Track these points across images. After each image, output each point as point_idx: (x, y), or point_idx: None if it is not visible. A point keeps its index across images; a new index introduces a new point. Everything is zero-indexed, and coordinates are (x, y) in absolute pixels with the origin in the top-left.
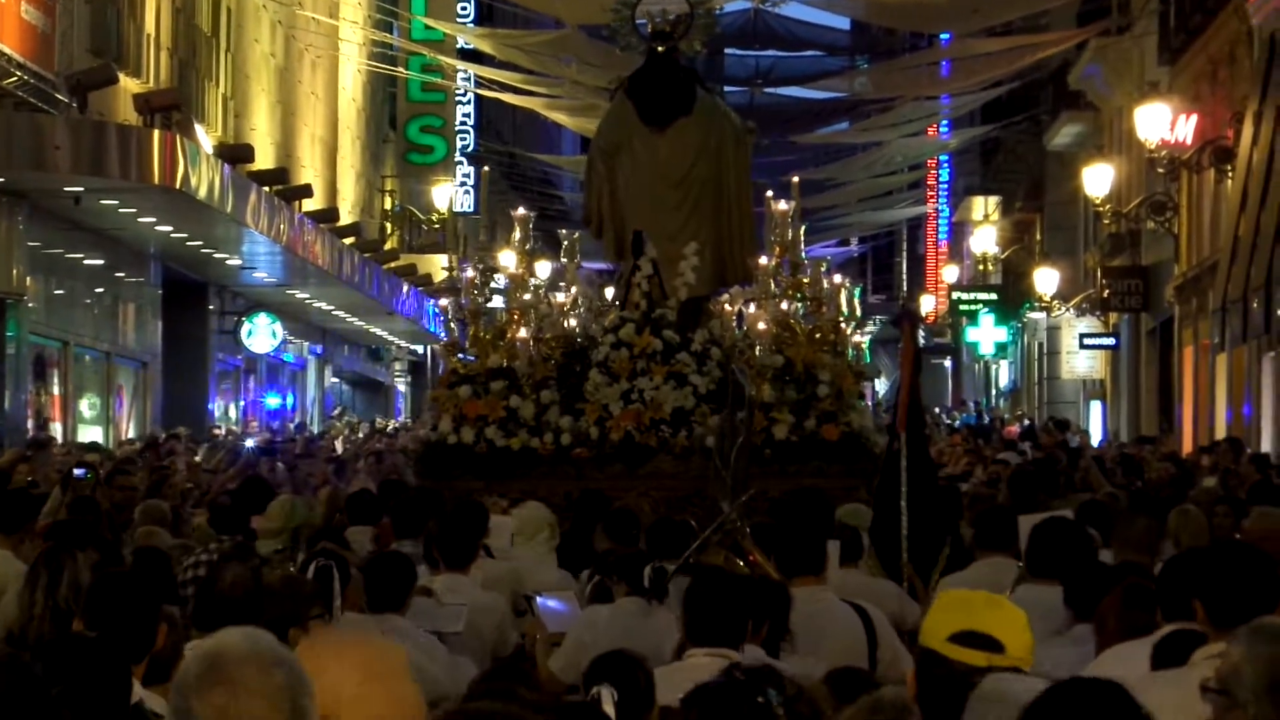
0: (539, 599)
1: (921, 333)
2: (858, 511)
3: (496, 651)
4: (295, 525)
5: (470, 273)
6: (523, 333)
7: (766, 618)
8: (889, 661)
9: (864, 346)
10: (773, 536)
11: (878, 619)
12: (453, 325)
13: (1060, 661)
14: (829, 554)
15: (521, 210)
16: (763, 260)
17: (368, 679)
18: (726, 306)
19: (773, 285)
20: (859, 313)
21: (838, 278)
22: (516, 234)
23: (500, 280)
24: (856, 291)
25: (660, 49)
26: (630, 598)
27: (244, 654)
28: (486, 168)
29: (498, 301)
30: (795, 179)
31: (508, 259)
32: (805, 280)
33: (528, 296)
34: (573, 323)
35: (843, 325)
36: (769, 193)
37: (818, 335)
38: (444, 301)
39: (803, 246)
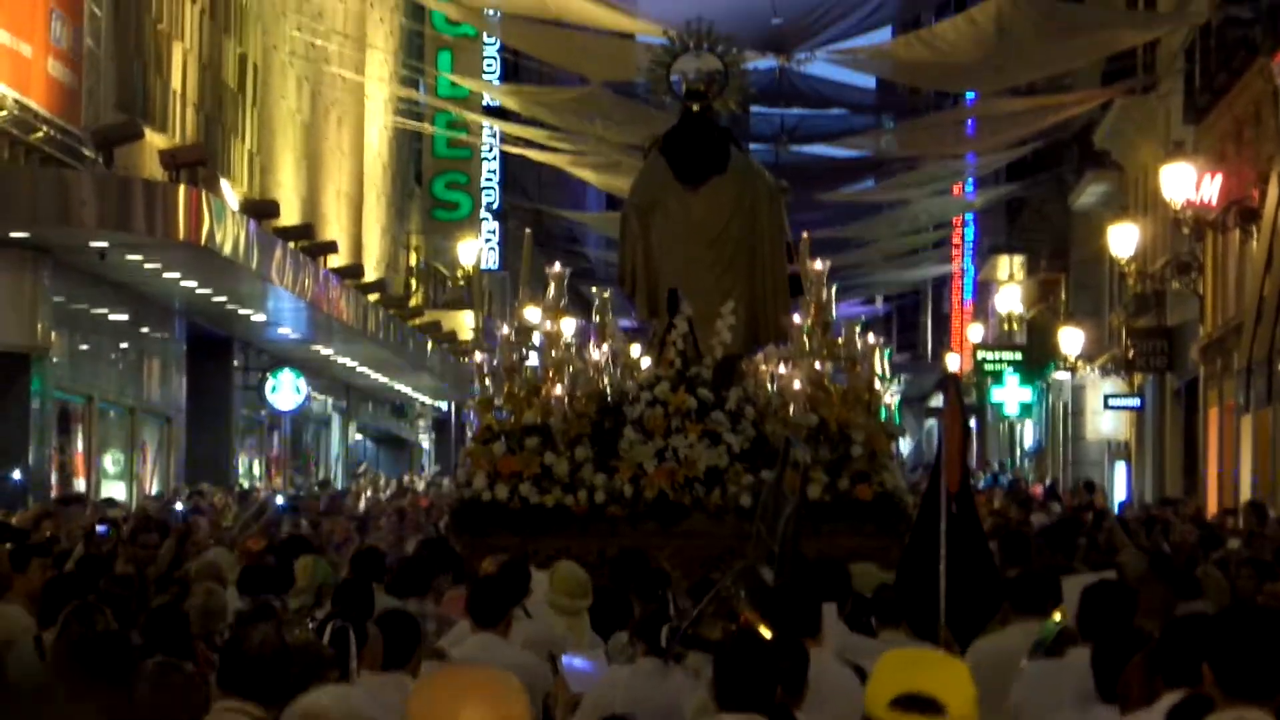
0: (565, 658)
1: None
2: (866, 572)
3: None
4: (319, 584)
5: (505, 330)
6: (557, 389)
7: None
8: None
9: (894, 407)
10: (768, 600)
11: None
12: (487, 381)
13: None
14: (825, 615)
15: (557, 267)
16: (796, 319)
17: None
18: (761, 366)
19: (807, 344)
20: (888, 373)
21: (871, 338)
22: (551, 291)
23: (535, 337)
24: (887, 353)
25: (695, 107)
26: (648, 658)
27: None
28: (529, 229)
29: (531, 358)
30: (805, 235)
31: (532, 315)
32: (839, 341)
33: (560, 353)
34: (606, 380)
35: (877, 385)
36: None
37: (851, 396)
38: (479, 357)
39: (833, 307)
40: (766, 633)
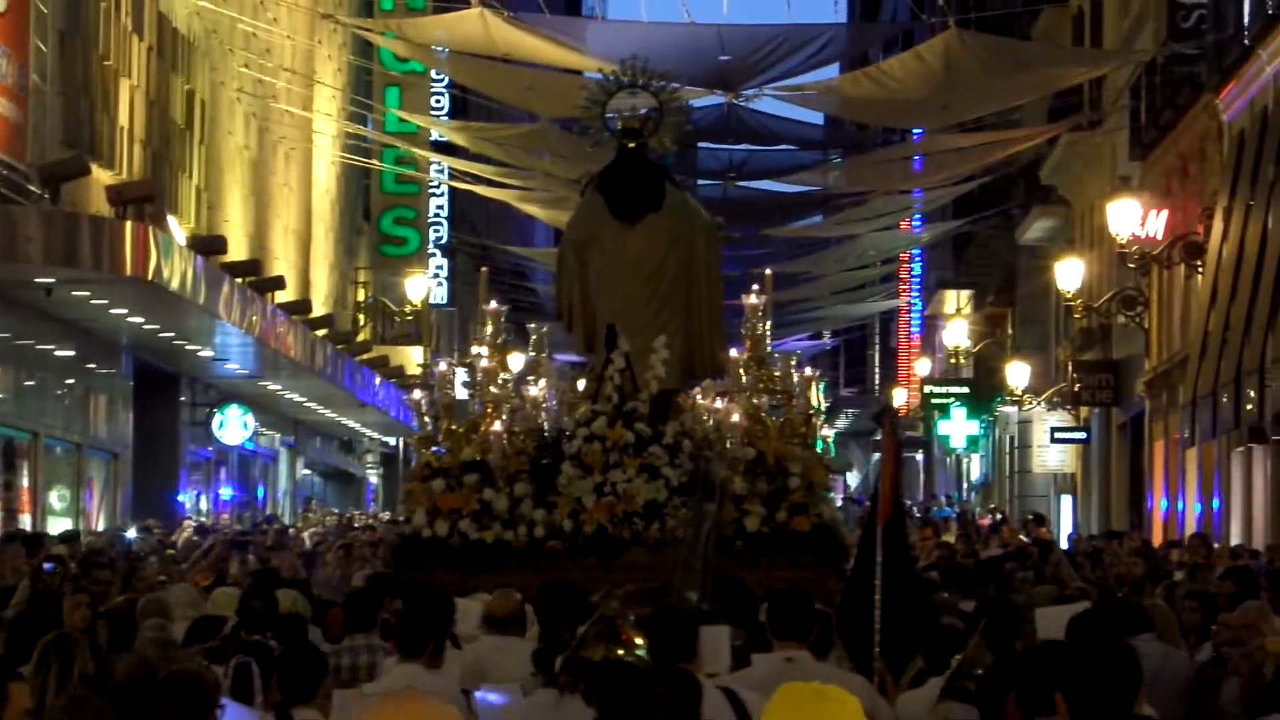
0: (479, 692)
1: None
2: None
3: None
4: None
5: (443, 366)
6: (496, 426)
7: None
8: None
9: (830, 439)
10: (649, 625)
11: (750, 704)
12: (426, 419)
13: None
14: (711, 638)
15: (494, 304)
16: (734, 353)
17: None
18: (699, 400)
19: (744, 378)
20: (825, 406)
21: (807, 371)
22: (489, 327)
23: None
24: (823, 386)
25: (630, 145)
26: (545, 689)
27: None
28: (485, 269)
29: (467, 394)
30: (768, 272)
31: (480, 352)
32: (776, 374)
33: (497, 390)
34: (544, 416)
35: (813, 418)
36: (753, 287)
37: (788, 429)
38: (417, 395)
39: (768, 341)
40: (643, 653)
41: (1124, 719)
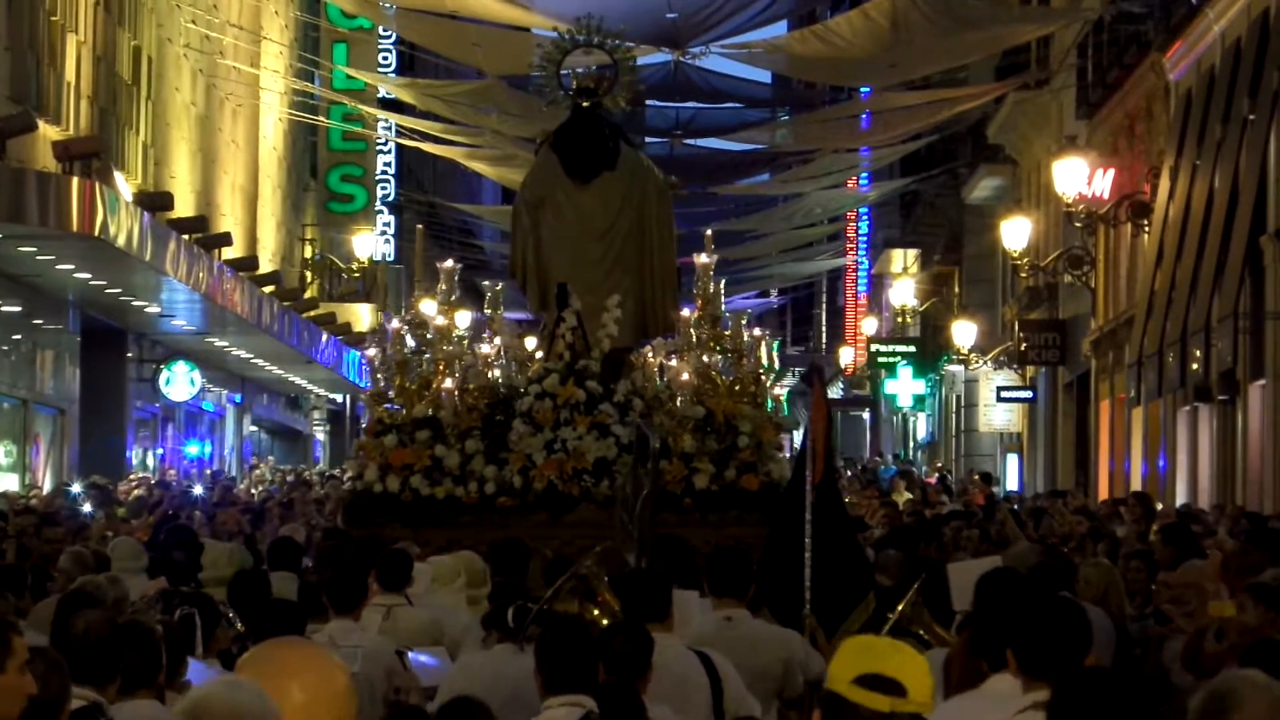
0: (411, 654)
1: (839, 387)
2: None
3: (386, 698)
4: (237, 569)
5: (395, 323)
6: (448, 383)
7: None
8: (733, 711)
9: (782, 399)
10: (621, 584)
11: (722, 667)
12: (379, 376)
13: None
14: (682, 602)
15: (449, 262)
16: (685, 312)
17: (312, 703)
18: (650, 358)
19: (694, 337)
20: (777, 365)
21: (758, 331)
22: (442, 285)
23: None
24: (775, 345)
25: (585, 104)
26: (502, 643)
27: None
28: (421, 225)
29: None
30: (709, 232)
31: (429, 308)
32: (726, 333)
33: (451, 347)
34: (497, 373)
35: (763, 377)
36: (707, 247)
37: (738, 387)
38: (370, 352)
39: (723, 300)
40: (614, 612)
41: (1073, 672)
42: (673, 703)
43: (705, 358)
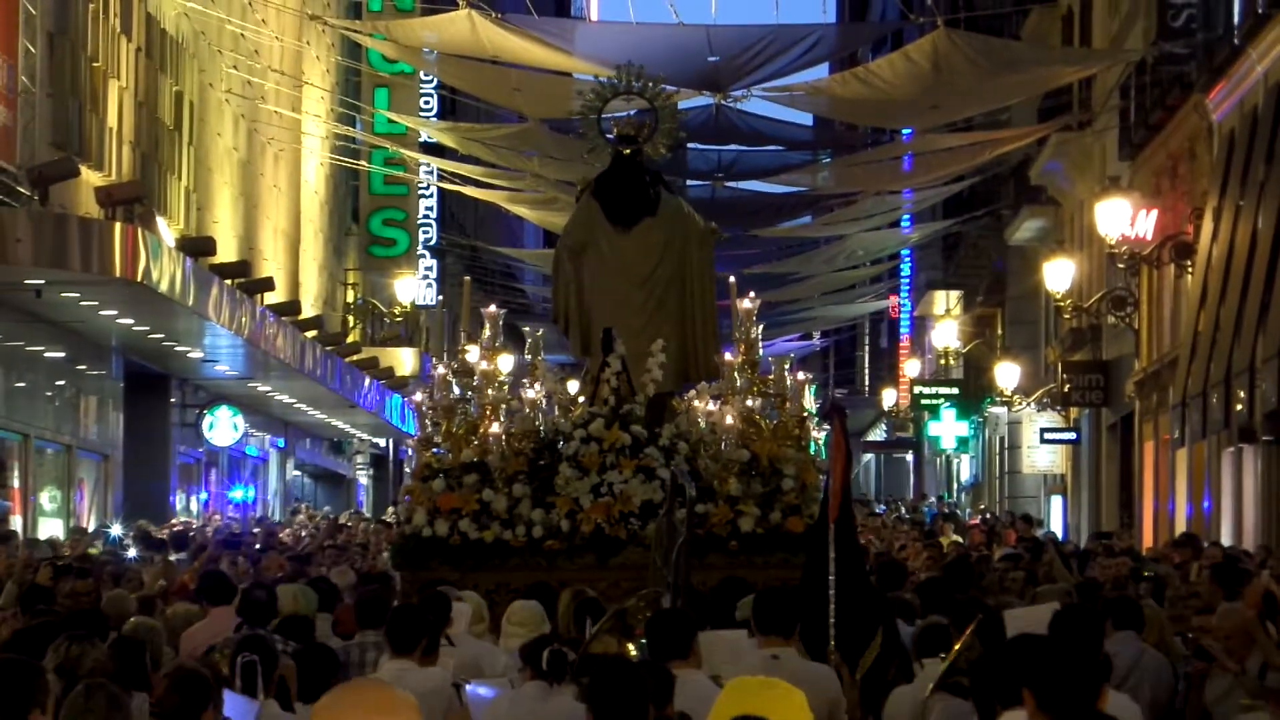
0: (468, 686)
1: (883, 428)
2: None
3: None
4: (305, 612)
5: (440, 370)
6: (495, 428)
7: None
8: None
9: (822, 441)
10: (649, 625)
11: None
12: (426, 421)
13: None
14: (733, 641)
15: (493, 308)
16: (728, 356)
17: None
18: (695, 403)
19: (738, 381)
20: (816, 409)
21: (800, 375)
22: (486, 330)
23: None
24: (813, 389)
25: (626, 151)
26: (533, 681)
27: None
28: (468, 278)
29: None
30: (731, 279)
31: (473, 354)
32: (770, 377)
33: (496, 392)
34: (541, 418)
35: (806, 420)
36: (742, 292)
37: (781, 431)
38: (418, 397)
39: (760, 344)
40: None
41: (1087, 714)
42: None
43: (749, 402)
